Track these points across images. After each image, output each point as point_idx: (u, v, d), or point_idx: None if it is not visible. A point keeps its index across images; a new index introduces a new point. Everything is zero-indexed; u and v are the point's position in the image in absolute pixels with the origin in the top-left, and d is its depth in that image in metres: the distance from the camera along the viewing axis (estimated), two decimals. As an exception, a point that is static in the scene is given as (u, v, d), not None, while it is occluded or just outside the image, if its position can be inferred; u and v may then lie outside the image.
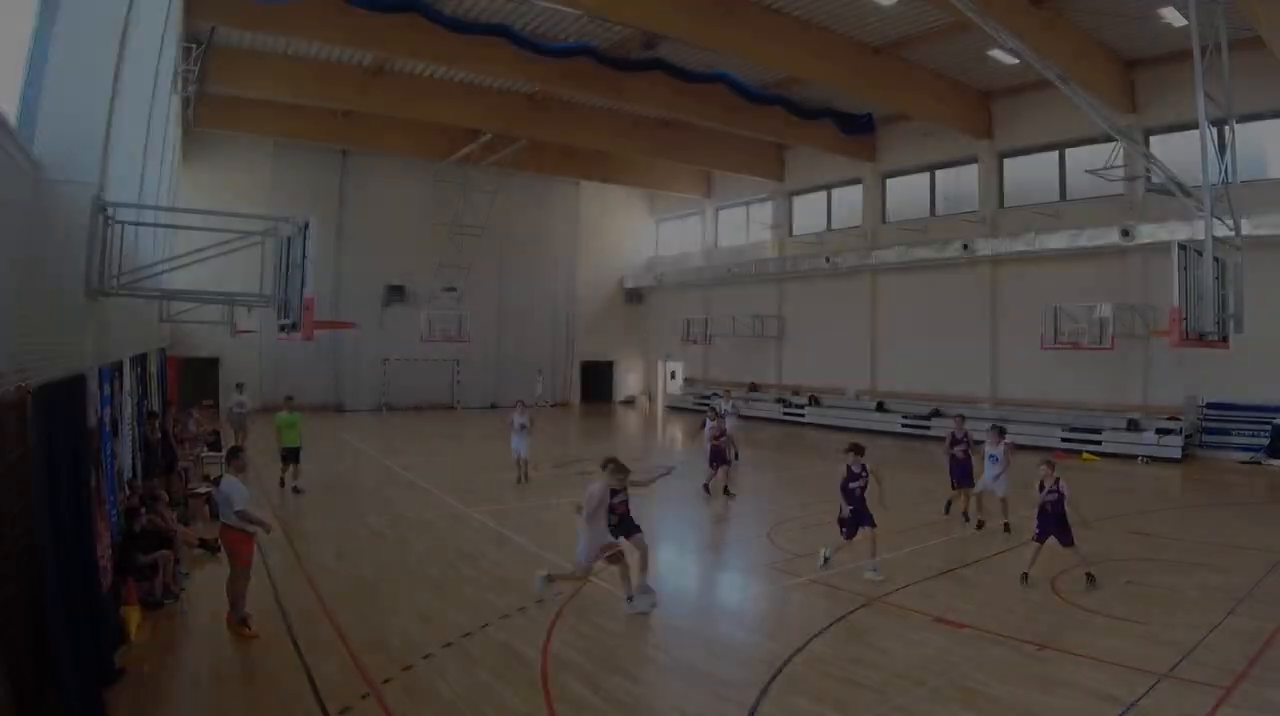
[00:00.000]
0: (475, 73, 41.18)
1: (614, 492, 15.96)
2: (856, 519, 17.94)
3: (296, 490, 26.02)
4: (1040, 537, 17.20)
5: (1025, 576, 17.05)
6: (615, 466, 15.94)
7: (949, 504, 23.82)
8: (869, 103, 44.79)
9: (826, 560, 18.17)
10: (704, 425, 28.38)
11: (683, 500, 26.30)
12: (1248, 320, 22.97)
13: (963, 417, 24.90)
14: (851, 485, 18.19)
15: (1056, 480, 17.60)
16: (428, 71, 43.05)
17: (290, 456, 26.73)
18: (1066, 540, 17.16)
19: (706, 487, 26.88)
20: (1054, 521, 17.25)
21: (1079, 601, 15.84)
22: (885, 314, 51.63)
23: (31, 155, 9.88)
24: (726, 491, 26.41)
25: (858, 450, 18.67)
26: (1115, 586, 16.81)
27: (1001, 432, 22.67)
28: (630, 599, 15.44)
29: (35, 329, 9.94)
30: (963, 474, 23.31)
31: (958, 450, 23.40)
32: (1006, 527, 21.77)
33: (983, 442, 22.80)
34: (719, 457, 26.49)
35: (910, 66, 39.81)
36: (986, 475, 22.33)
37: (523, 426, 27.82)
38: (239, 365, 49.91)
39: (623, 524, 16.30)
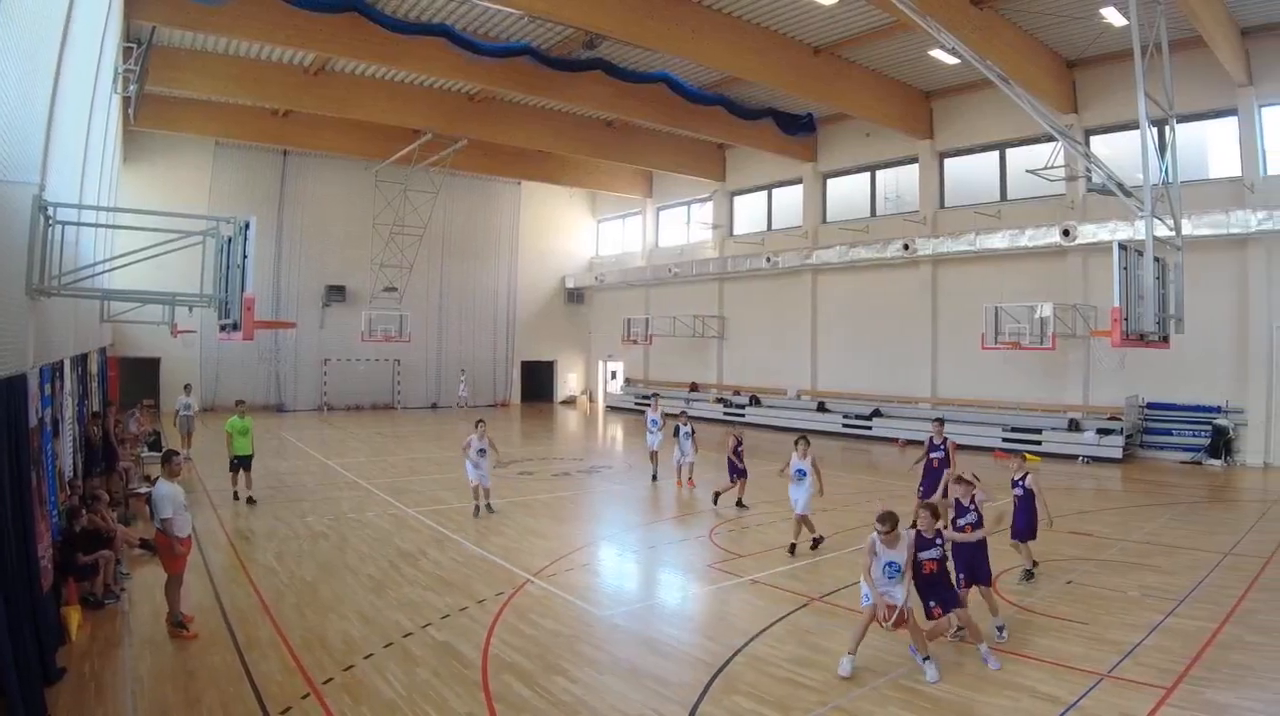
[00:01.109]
0: (416, 73, 41.06)
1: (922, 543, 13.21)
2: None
3: (251, 500, 25.29)
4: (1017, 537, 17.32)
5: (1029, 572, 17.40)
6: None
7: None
8: (810, 103, 45.05)
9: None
10: (675, 432, 28.57)
11: (623, 500, 26.38)
12: (1188, 320, 23.22)
13: (942, 422, 24.79)
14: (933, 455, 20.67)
15: (1025, 475, 17.54)
16: (368, 71, 43.01)
17: (242, 464, 25.74)
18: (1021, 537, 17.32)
19: (716, 497, 26.07)
20: (1020, 517, 17.36)
21: (1020, 601, 15.93)
22: (826, 314, 51.85)
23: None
24: (740, 503, 25.51)
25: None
26: (1056, 586, 16.92)
27: (942, 424, 22.92)
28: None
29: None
30: (931, 484, 22.72)
31: (934, 457, 23.26)
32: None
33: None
34: (737, 470, 25.99)
35: (851, 66, 40.08)
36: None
37: (482, 451, 24.57)
38: (180, 365, 49.93)
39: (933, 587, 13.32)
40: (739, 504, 25.21)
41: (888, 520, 12.55)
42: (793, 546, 19.99)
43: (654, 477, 29.96)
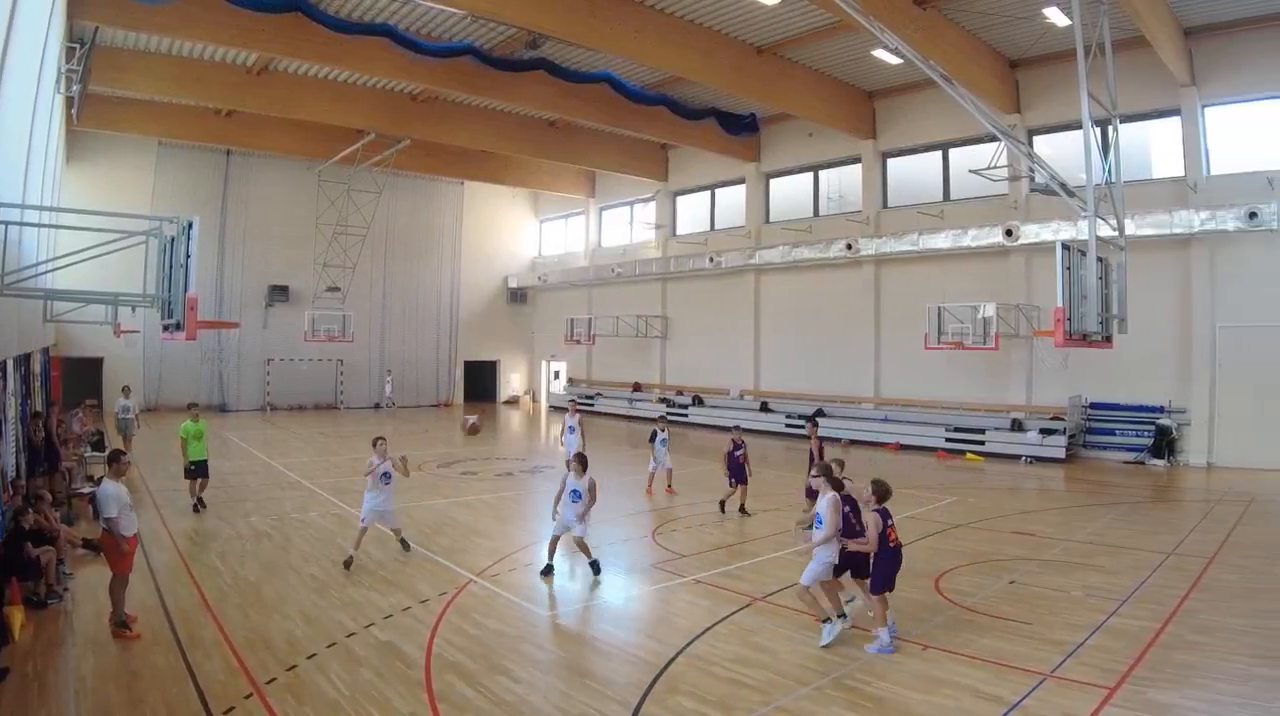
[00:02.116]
0: (359, 72, 40.83)
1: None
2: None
3: (201, 502, 24.41)
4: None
5: None
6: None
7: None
8: (752, 103, 45.00)
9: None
10: (652, 436, 27.72)
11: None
12: (1132, 320, 23.27)
13: (814, 422, 24.86)
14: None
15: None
16: (311, 71, 42.73)
17: (199, 471, 24.69)
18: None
19: (722, 505, 25.38)
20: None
21: (963, 601, 15.93)
22: (769, 314, 51.91)
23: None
24: (743, 509, 24.95)
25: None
26: (999, 586, 16.93)
27: (815, 423, 23.04)
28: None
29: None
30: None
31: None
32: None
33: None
34: (739, 475, 25.53)
35: (794, 66, 40.11)
36: None
37: (387, 476, 20.25)
38: (123, 365, 49.44)
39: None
40: (741, 510, 24.76)
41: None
42: None
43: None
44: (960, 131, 39.68)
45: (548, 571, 18.14)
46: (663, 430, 27.72)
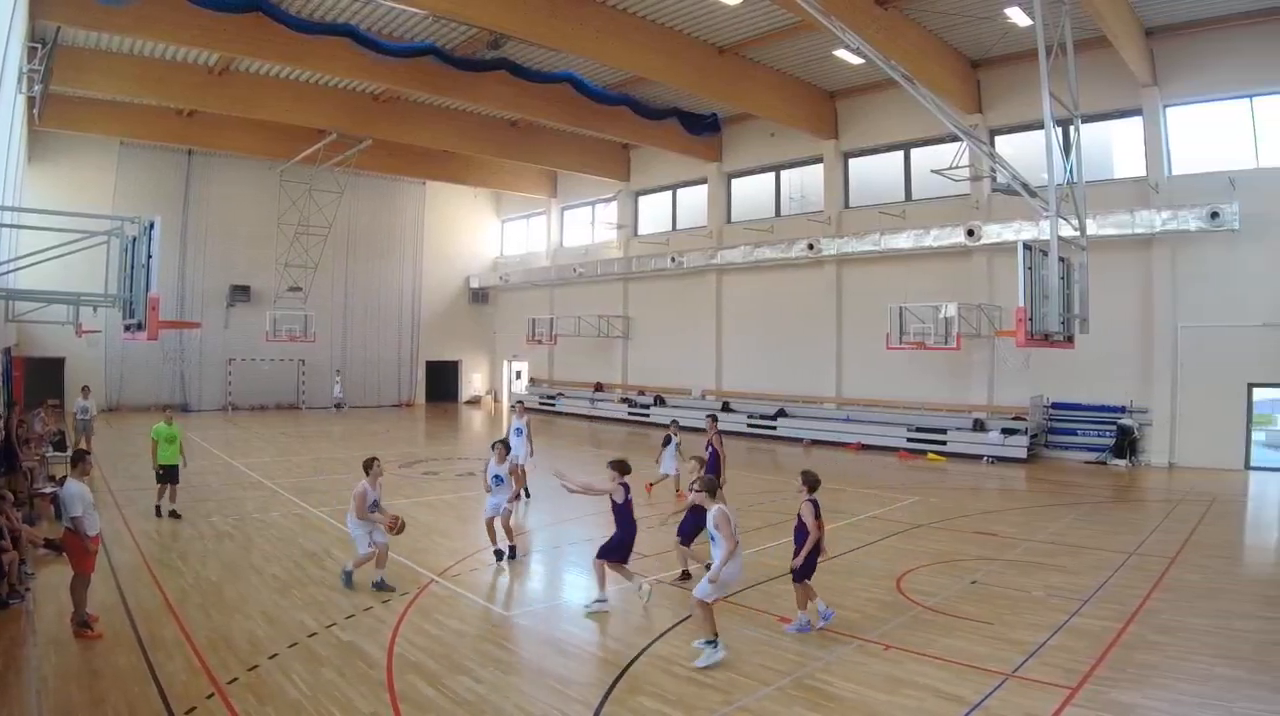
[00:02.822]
0: (320, 72, 40.67)
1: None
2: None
3: (175, 514, 23.69)
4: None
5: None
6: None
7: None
8: (714, 103, 45.05)
9: None
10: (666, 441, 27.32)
11: (528, 500, 25.97)
12: (1093, 320, 23.34)
13: (714, 418, 24.80)
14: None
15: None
16: (273, 71, 42.60)
17: (169, 476, 23.97)
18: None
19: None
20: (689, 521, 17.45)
21: (925, 601, 15.93)
22: (731, 314, 51.98)
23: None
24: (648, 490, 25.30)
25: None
26: (961, 586, 16.92)
27: (715, 419, 23.82)
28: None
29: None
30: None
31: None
32: None
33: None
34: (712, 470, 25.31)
35: (756, 67, 40.17)
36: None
37: (376, 504, 17.97)
38: (85, 365, 49.18)
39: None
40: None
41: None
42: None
43: (526, 494, 27.10)
44: (922, 131, 39.71)
45: (500, 556, 18.87)
46: (675, 435, 27.27)
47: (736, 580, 13.55)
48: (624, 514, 15.72)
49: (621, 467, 15.77)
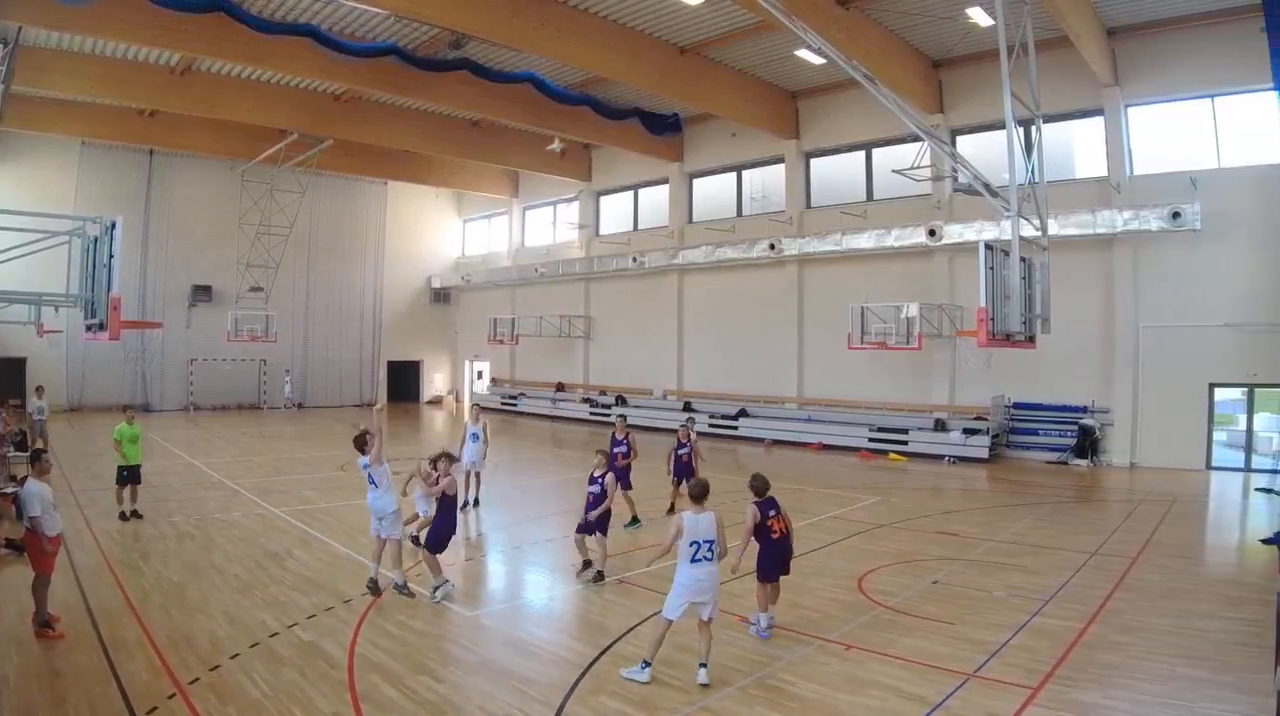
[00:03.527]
0: (281, 72, 40.48)
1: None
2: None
3: (136, 513, 23.44)
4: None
5: None
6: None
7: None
8: (676, 103, 45.11)
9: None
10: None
11: (489, 500, 25.85)
12: (1055, 320, 23.36)
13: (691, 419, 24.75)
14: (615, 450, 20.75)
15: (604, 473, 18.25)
16: (234, 71, 42.36)
17: (131, 477, 23.61)
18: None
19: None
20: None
21: (886, 601, 15.95)
22: (693, 314, 52.02)
23: None
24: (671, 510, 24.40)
25: (621, 424, 21.60)
26: (923, 586, 16.93)
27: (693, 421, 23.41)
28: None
29: None
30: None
31: (681, 453, 23.94)
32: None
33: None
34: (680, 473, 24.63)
35: (717, 67, 40.19)
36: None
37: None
38: (46, 365, 49.22)
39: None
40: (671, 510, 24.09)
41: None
42: None
43: (473, 503, 25.64)
44: (883, 131, 39.68)
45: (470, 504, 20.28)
46: (688, 439, 26.17)
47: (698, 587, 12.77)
48: (449, 507, 16.34)
49: (450, 459, 16.90)
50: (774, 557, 14.29)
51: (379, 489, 16.46)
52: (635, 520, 22.64)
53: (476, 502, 24.99)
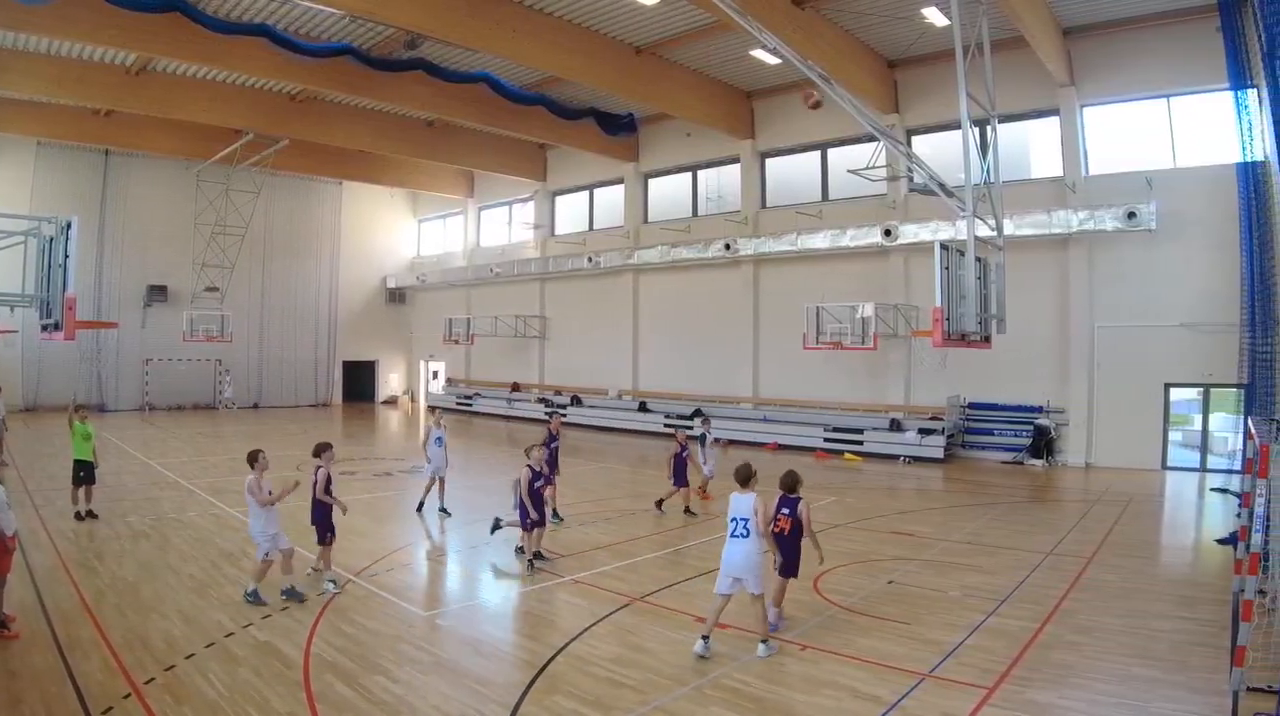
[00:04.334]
0: (237, 72, 40.34)
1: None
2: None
3: (92, 514, 23.20)
4: None
5: None
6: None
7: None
8: (631, 103, 45.04)
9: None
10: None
11: (446, 499, 25.66)
12: (1010, 320, 23.29)
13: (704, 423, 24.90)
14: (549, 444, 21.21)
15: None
16: (190, 71, 42.19)
17: (87, 476, 23.37)
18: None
19: (659, 504, 24.93)
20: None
21: (842, 601, 15.93)
22: (648, 314, 52.11)
23: None
24: (687, 510, 24.50)
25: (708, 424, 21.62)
26: (878, 586, 16.92)
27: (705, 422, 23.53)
28: None
29: None
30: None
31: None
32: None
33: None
34: (678, 476, 24.53)
35: (673, 66, 40.26)
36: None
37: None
38: (1, 365, 49.16)
39: None
40: (687, 511, 24.43)
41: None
42: None
43: (440, 510, 25.06)
44: (839, 131, 39.99)
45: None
46: (710, 432, 26.95)
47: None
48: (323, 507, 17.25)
49: (318, 450, 17.85)
50: (792, 553, 14.56)
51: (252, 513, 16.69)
52: (554, 514, 22.84)
53: (446, 511, 24.47)
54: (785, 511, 14.56)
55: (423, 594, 17.10)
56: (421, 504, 24.45)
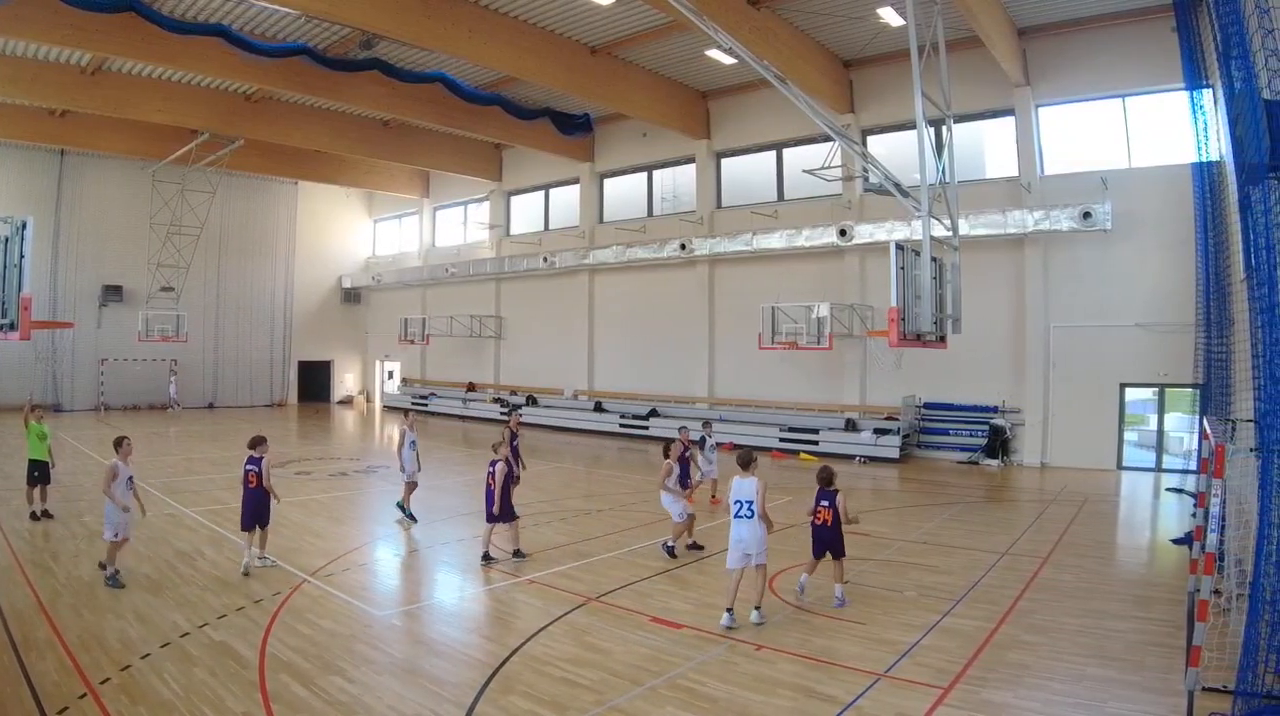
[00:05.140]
0: (192, 72, 40.13)
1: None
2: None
3: (47, 513, 23.20)
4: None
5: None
6: None
7: None
8: (587, 103, 44.98)
9: None
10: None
11: (394, 497, 25.55)
12: (966, 320, 23.33)
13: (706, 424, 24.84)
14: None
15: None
16: (145, 71, 41.89)
17: (42, 475, 23.29)
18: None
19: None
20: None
21: (796, 601, 15.99)
22: (604, 314, 52.12)
23: None
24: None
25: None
26: (833, 586, 16.67)
27: (685, 429, 23.94)
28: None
29: None
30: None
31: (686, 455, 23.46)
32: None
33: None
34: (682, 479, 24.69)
35: (628, 67, 40.29)
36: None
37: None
38: (-46, 365, 48.27)
39: None
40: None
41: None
42: None
43: (404, 510, 24.87)
44: (794, 131, 40.14)
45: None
46: (711, 436, 26.44)
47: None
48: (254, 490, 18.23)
49: (253, 443, 18.78)
50: (814, 539, 16.37)
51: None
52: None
53: (413, 518, 23.91)
54: (825, 503, 16.14)
55: (379, 594, 17.03)
56: (405, 508, 24.06)
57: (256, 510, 18.12)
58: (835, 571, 16.03)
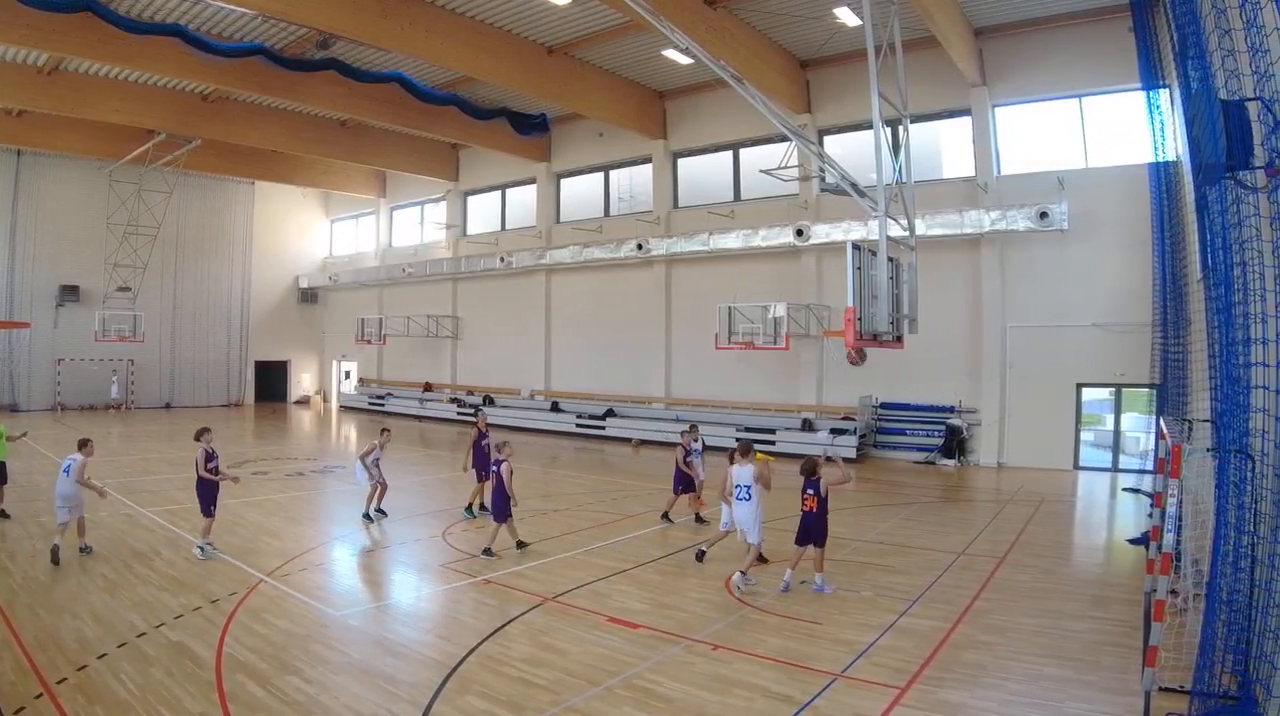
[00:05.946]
0: (149, 72, 39.83)
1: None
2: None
3: (4, 513, 23.06)
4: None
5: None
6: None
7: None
8: (543, 103, 44.87)
9: None
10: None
11: (358, 500, 25.15)
12: (923, 320, 23.37)
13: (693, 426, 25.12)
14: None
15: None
16: (102, 71, 41.66)
17: (0, 474, 23.11)
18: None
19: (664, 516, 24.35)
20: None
21: (753, 601, 16.04)
22: (561, 314, 52.19)
23: None
24: (698, 518, 24.22)
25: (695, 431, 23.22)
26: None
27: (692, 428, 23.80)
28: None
29: None
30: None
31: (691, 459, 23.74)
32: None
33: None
34: (682, 480, 24.17)
35: (585, 67, 40.36)
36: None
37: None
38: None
39: None
40: (698, 518, 24.10)
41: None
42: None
43: (378, 513, 24.73)
44: (751, 131, 40.21)
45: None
46: (696, 441, 25.58)
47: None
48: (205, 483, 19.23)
49: (199, 434, 19.78)
50: (800, 527, 17.32)
51: (67, 478, 18.48)
52: (469, 508, 24.01)
53: (370, 517, 23.89)
54: (810, 492, 17.23)
55: (335, 594, 16.92)
56: (379, 510, 24.08)
57: (199, 495, 19.15)
58: (815, 559, 16.75)
